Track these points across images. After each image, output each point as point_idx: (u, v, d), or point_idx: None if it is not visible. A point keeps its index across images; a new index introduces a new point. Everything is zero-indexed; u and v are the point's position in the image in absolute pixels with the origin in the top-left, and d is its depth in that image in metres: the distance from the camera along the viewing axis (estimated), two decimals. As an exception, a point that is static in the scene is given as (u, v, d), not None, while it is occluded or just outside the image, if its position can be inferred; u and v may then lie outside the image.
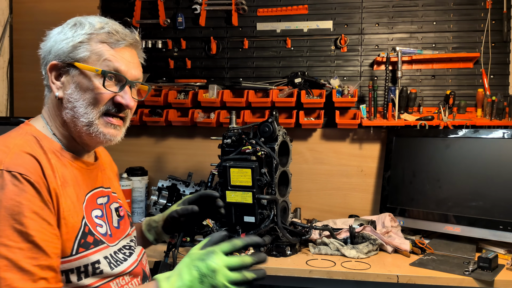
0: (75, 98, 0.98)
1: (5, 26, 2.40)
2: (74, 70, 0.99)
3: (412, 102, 2.03)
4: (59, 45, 0.99)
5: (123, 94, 1.01)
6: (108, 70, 0.98)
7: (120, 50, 1.01)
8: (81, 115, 0.98)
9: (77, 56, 0.98)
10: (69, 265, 0.93)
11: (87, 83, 0.98)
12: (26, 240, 0.82)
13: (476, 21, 2.04)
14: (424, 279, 1.44)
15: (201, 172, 2.18)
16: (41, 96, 1.10)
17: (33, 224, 0.84)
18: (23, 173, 0.86)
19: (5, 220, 0.81)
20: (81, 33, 0.99)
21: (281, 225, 1.59)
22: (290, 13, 2.17)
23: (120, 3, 2.30)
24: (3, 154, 0.88)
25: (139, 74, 1.06)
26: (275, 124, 1.64)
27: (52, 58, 1.01)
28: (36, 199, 0.86)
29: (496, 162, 1.70)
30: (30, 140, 0.95)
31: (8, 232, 0.81)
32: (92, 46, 0.98)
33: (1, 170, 0.85)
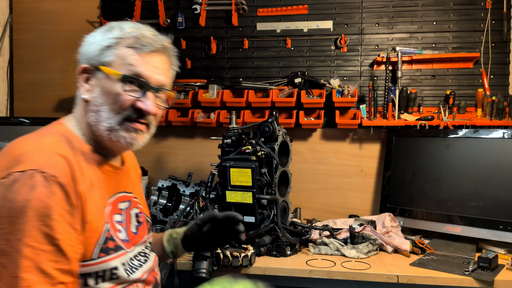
0: (100, 102, 0.98)
1: (5, 26, 2.40)
2: (100, 73, 0.98)
3: (412, 102, 2.03)
4: (89, 48, 0.99)
5: (144, 99, 0.98)
6: (129, 75, 0.96)
7: (147, 55, 0.99)
8: (103, 120, 0.97)
9: (103, 59, 0.97)
10: (88, 269, 0.93)
11: (110, 87, 0.97)
12: (51, 243, 0.82)
13: (476, 21, 2.04)
14: (424, 279, 1.44)
15: (201, 172, 2.18)
16: (41, 96, 1.10)
17: (59, 228, 0.84)
18: (55, 176, 0.85)
19: (32, 221, 0.81)
20: (110, 37, 0.98)
21: (281, 225, 1.59)
22: (290, 13, 2.17)
23: (120, 3, 2.30)
24: (36, 154, 0.88)
25: (165, 80, 1.03)
26: (275, 124, 1.64)
27: (83, 61, 1.01)
28: (64, 202, 0.86)
29: (496, 162, 1.70)
30: (63, 141, 0.95)
31: (34, 233, 0.81)
32: (118, 50, 0.97)
33: (33, 170, 0.84)
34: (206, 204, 1.74)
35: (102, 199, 0.99)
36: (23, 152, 0.88)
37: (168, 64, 1.05)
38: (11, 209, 0.81)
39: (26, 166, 0.84)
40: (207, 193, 1.77)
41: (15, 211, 0.81)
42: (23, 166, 0.84)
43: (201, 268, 1.42)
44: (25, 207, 0.81)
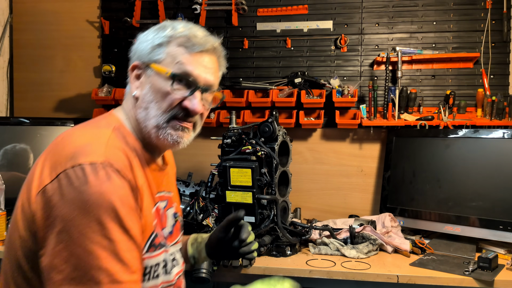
0: (149, 99, 0.98)
1: (5, 26, 2.40)
2: (151, 71, 0.99)
3: (412, 102, 2.03)
4: (141, 46, 1.01)
5: (191, 98, 0.99)
6: (178, 73, 0.97)
7: (197, 54, 0.99)
8: (152, 117, 0.98)
9: (155, 57, 0.98)
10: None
11: (159, 84, 0.97)
12: (125, 232, 0.84)
13: (476, 21, 2.04)
14: (424, 279, 1.44)
15: (201, 172, 2.18)
16: (41, 96, 1.10)
17: (129, 219, 0.85)
18: (122, 170, 0.87)
19: (107, 213, 0.82)
20: (162, 35, 0.99)
21: (281, 225, 1.59)
22: (290, 13, 2.17)
23: (120, 3, 2.30)
24: (101, 146, 0.88)
25: (213, 80, 1.03)
26: (275, 124, 1.64)
27: (134, 59, 1.02)
28: (130, 195, 0.88)
29: (496, 162, 1.70)
30: (118, 136, 0.96)
31: (110, 224, 0.82)
32: (169, 48, 0.98)
33: (103, 162, 0.84)
34: (206, 204, 1.74)
35: (151, 197, 1.00)
36: (86, 143, 0.88)
37: (217, 64, 1.05)
38: (86, 201, 0.81)
39: (94, 158, 0.85)
40: (207, 193, 1.77)
41: (91, 203, 0.81)
42: (91, 158, 0.84)
43: (201, 268, 1.42)
44: (100, 199, 0.81)
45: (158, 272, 0.99)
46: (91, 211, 0.80)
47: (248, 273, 1.51)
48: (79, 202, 0.81)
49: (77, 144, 0.88)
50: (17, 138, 2.05)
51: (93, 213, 0.80)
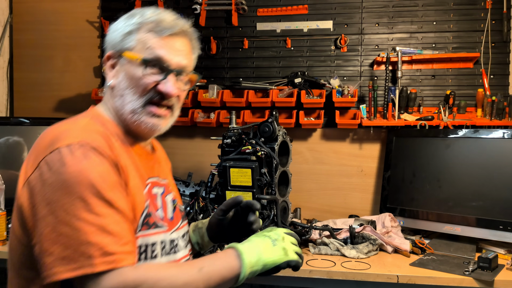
0: (123, 87, 1.00)
1: (5, 26, 2.40)
2: (123, 59, 1.00)
3: (412, 102, 2.03)
4: (112, 35, 1.02)
5: (165, 82, 1.00)
6: (149, 58, 0.99)
7: (167, 38, 1.00)
8: (127, 103, 1.00)
9: (126, 45, 1.00)
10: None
11: (133, 71, 0.99)
12: (110, 206, 0.85)
13: (476, 21, 2.04)
14: (424, 279, 1.44)
15: (201, 172, 2.18)
16: (41, 96, 1.11)
17: (113, 193, 0.86)
18: (99, 147, 0.88)
19: (89, 189, 0.83)
20: (131, 23, 1.00)
21: (281, 225, 1.59)
22: (290, 13, 2.17)
23: (120, 3, 2.30)
24: (77, 130, 0.91)
25: (186, 63, 1.04)
26: (275, 124, 1.64)
27: (108, 49, 1.03)
28: (113, 170, 0.89)
29: (496, 162, 1.70)
30: (97, 123, 0.98)
31: (92, 199, 0.83)
32: (139, 35, 0.99)
33: (79, 142, 0.87)
34: (206, 204, 1.74)
35: (140, 178, 1.00)
36: (62, 130, 0.91)
37: (189, 47, 1.06)
38: (66, 181, 0.83)
39: (70, 140, 0.87)
40: (207, 193, 1.77)
41: (71, 182, 0.83)
42: (67, 141, 0.87)
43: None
44: (79, 177, 0.83)
45: (156, 252, 0.99)
46: (72, 190, 0.82)
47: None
48: (60, 183, 0.83)
49: (54, 133, 0.91)
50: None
51: (75, 191, 0.82)
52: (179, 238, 1.11)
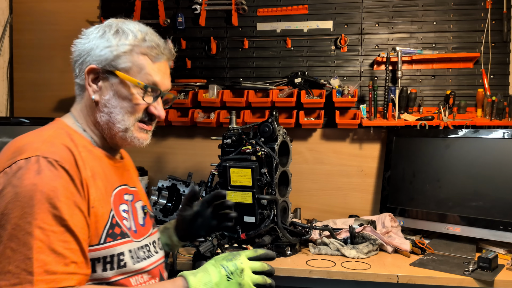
0: (113, 105, 1.01)
1: (5, 26, 2.40)
2: (114, 78, 1.01)
3: (412, 102, 2.03)
4: (101, 51, 1.00)
5: (156, 105, 1.05)
6: (148, 84, 1.02)
7: (160, 63, 1.05)
8: (117, 122, 1.02)
9: (119, 65, 1.00)
10: (96, 253, 0.95)
11: (126, 92, 1.01)
12: (60, 223, 0.84)
13: (476, 21, 2.04)
14: (424, 279, 1.44)
15: (201, 172, 2.18)
16: (41, 96, 1.11)
17: (66, 209, 0.86)
18: (59, 160, 0.88)
19: (41, 204, 0.83)
20: (125, 43, 1.00)
21: (281, 225, 1.59)
22: (290, 13, 2.17)
23: (120, 3, 2.30)
24: (39, 143, 0.90)
25: (169, 84, 1.10)
26: (275, 124, 1.64)
27: (91, 61, 1.01)
28: (70, 185, 0.89)
29: (496, 162, 1.70)
30: (63, 134, 0.98)
31: (43, 215, 0.83)
32: (133, 57, 1.01)
33: (37, 156, 0.86)
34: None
35: (106, 188, 1.01)
36: (24, 143, 0.91)
37: (168, 67, 1.10)
38: (18, 194, 0.83)
39: (29, 153, 0.87)
40: (207, 193, 1.77)
41: (23, 195, 0.83)
42: (26, 154, 0.87)
43: (201, 268, 1.42)
44: (32, 191, 0.83)
45: (126, 261, 0.99)
46: (24, 204, 0.82)
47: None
48: (12, 196, 0.83)
49: (16, 145, 0.91)
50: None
51: (26, 205, 0.82)
52: (151, 243, 1.13)
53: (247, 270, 0.97)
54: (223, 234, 1.63)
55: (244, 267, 0.97)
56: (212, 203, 1.21)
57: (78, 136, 1.01)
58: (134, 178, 1.22)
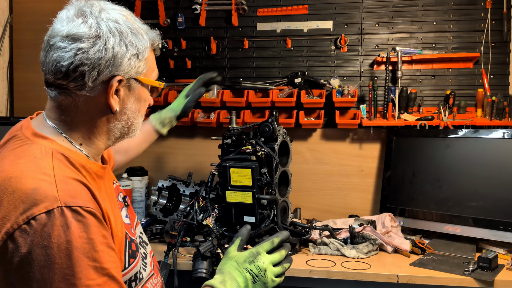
0: (132, 111, 0.96)
1: (5, 26, 2.40)
2: (136, 83, 0.94)
3: (412, 102, 2.03)
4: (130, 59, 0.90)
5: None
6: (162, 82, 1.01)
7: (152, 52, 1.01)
8: (136, 123, 0.99)
9: (141, 70, 0.93)
10: (124, 277, 0.92)
11: (145, 94, 0.99)
12: (102, 274, 0.78)
13: (476, 21, 2.04)
14: (424, 279, 1.44)
15: (201, 172, 2.18)
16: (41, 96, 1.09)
17: (105, 257, 0.79)
18: (83, 206, 0.79)
19: (80, 261, 0.75)
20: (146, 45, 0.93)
21: (281, 225, 1.59)
22: (290, 13, 2.17)
23: (120, 3, 2.29)
24: (50, 186, 0.78)
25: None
26: (275, 124, 1.64)
27: (114, 72, 0.88)
28: (100, 229, 0.81)
29: (496, 162, 1.70)
30: (62, 160, 0.85)
31: (86, 272, 0.76)
32: (145, 56, 0.94)
33: (60, 207, 0.76)
34: (206, 204, 1.74)
35: (112, 205, 0.96)
36: (33, 187, 0.77)
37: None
38: (51, 255, 0.74)
39: (48, 204, 0.76)
40: (207, 193, 1.77)
41: (59, 256, 0.74)
42: (44, 206, 0.75)
43: (201, 268, 1.42)
44: (68, 249, 0.75)
45: (141, 272, 0.99)
46: (62, 265, 0.74)
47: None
48: (46, 258, 0.74)
49: (22, 190, 0.77)
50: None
51: (65, 266, 0.74)
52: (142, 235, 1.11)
53: (269, 267, 0.98)
54: (223, 234, 1.63)
55: (266, 267, 0.97)
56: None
57: (74, 155, 0.88)
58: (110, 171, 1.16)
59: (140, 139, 1.56)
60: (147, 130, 1.58)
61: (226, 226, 1.65)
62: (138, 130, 1.01)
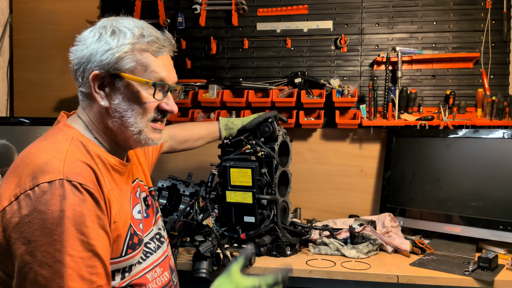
0: (124, 108, 0.99)
1: (5, 26, 2.40)
2: (120, 81, 0.98)
3: (412, 102, 2.03)
4: (102, 55, 0.96)
5: (167, 100, 1.03)
6: (157, 82, 0.99)
7: (163, 57, 1.02)
8: (130, 125, 0.99)
9: (124, 67, 0.97)
10: (117, 266, 0.96)
11: (135, 94, 0.98)
12: (87, 249, 0.84)
13: (476, 21, 2.04)
14: (424, 279, 1.44)
15: (201, 172, 2.18)
16: (41, 96, 1.11)
17: (93, 233, 0.86)
18: (83, 183, 0.86)
19: (69, 230, 0.82)
20: (125, 42, 0.97)
21: (281, 225, 1.59)
22: (290, 13, 2.17)
23: (120, 3, 2.29)
24: (60, 162, 0.87)
25: (175, 75, 1.07)
26: (275, 124, 1.64)
27: (93, 67, 0.97)
28: (95, 208, 0.88)
29: (496, 162, 1.70)
30: (79, 146, 0.95)
31: (72, 242, 0.82)
32: (136, 56, 0.97)
33: (61, 179, 0.84)
34: (206, 204, 1.74)
35: (122, 197, 1.02)
36: (45, 161, 0.87)
37: (171, 59, 1.08)
38: (45, 220, 0.82)
39: (52, 175, 0.85)
40: (207, 193, 1.77)
41: (51, 222, 0.82)
42: (49, 176, 0.84)
43: (201, 268, 1.42)
44: (60, 218, 0.82)
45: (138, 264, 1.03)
46: (52, 231, 0.81)
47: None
48: (40, 222, 0.81)
49: (36, 163, 0.87)
50: (17, 138, 2.05)
51: (55, 232, 0.81)
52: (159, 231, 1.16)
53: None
54: (223, 234, 1.63)
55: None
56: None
57: (92, 145, 0.98)
58: (136, 164, 1.22)
59: (202, 133, 1.66)
60: (213, 128, 1.68)
61: (226, 226, 1.65)
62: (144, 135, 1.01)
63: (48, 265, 0.81)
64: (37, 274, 0.80)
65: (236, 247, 1.57)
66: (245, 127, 1.65)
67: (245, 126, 1.65)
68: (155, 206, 1.20)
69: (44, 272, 0.80)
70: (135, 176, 1.15)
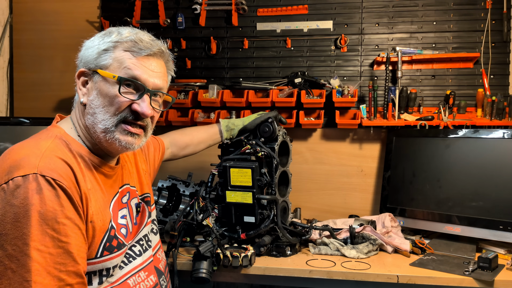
0: (96, 105, 0.99)
1: (5, 26, 2.40)
2: (98, 76, 1.00)
3: (412, 102, 2.03)
4: (87, 52, 1.01)
5: (140, 102, 1.00)
6: (125, 77, 0.98)
7: (144, 59, 1.01)
8: (99, 121, 0.99)
9: (101, 63, 0.99)
10: (92, 267, 0.95)
11: (107, 89, 0.98)
12: (58, 245, 0.84)
13: (476, 21, 2.04)
14: (424, 279, 1.44)
15: (201, 172, 2.18)
16: (41, 96, 1.12)
17: (65, 230, 0.85)
18: (57, 179, 0.86)
19: (39, 225, 0.82)
20: (107, 40, 1.00)
21: (281, 225, 1.59)
22: (290, 13, 2.17)
23: (120, 3, 2.30)
24: (36, 158, 0.88)
25: (162, 84, 1.05)
26: (275, 124, 1.64)
27: (81, 66, 1.03)
28: (68, 204, 0.87)
29: (496, 162, 1.70)
30: (60, 144, 0.96)
31: (42, 237, 0.82)
32: (115, 53, 0.99)
33: (35, 174, 0.85)
34: (206, 204, 1.74)
35: (104, 199, 1.00)
36: (22, 157, 0.88)
37: (164, 68, 1.07)
38: (17, 214, 0.82)
39: (27, 170, 0.85)
40: (207, 193, 1.77)
41: (21, 216, 0.81)
42: (23, 171, 0.85)
43: (201, 268, 1.42)
44: (30, 211, 0.82)
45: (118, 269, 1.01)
46: (22, 224, 0.81)
47: (248, 273, 1.51)
48: (11, 215, 0.81)
49: (13, 158, 0.88)
50: (17, 138, 2.05)
51: (24, 226, 0.81)
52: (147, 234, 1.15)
53: None
54: (223, 234, 1.63)
55: None
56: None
57: (76, 145, 0.99)
58: (131, 170, 1.20)
59: (203, 137, 1.65)
60: (213, 131, 1.67)
61: (226, 226, 1.65)
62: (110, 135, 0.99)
63: (17, 259, 0.80)
64: (6, 267, 0.80)
65: (236, 247, 1.57)
66: (246, 127, 1.64)
67: (246, 126, 1.64)
68: (147, 211, 1.19)
69: (13, 266, 0.80)
70: (126, 181, 1.14)
